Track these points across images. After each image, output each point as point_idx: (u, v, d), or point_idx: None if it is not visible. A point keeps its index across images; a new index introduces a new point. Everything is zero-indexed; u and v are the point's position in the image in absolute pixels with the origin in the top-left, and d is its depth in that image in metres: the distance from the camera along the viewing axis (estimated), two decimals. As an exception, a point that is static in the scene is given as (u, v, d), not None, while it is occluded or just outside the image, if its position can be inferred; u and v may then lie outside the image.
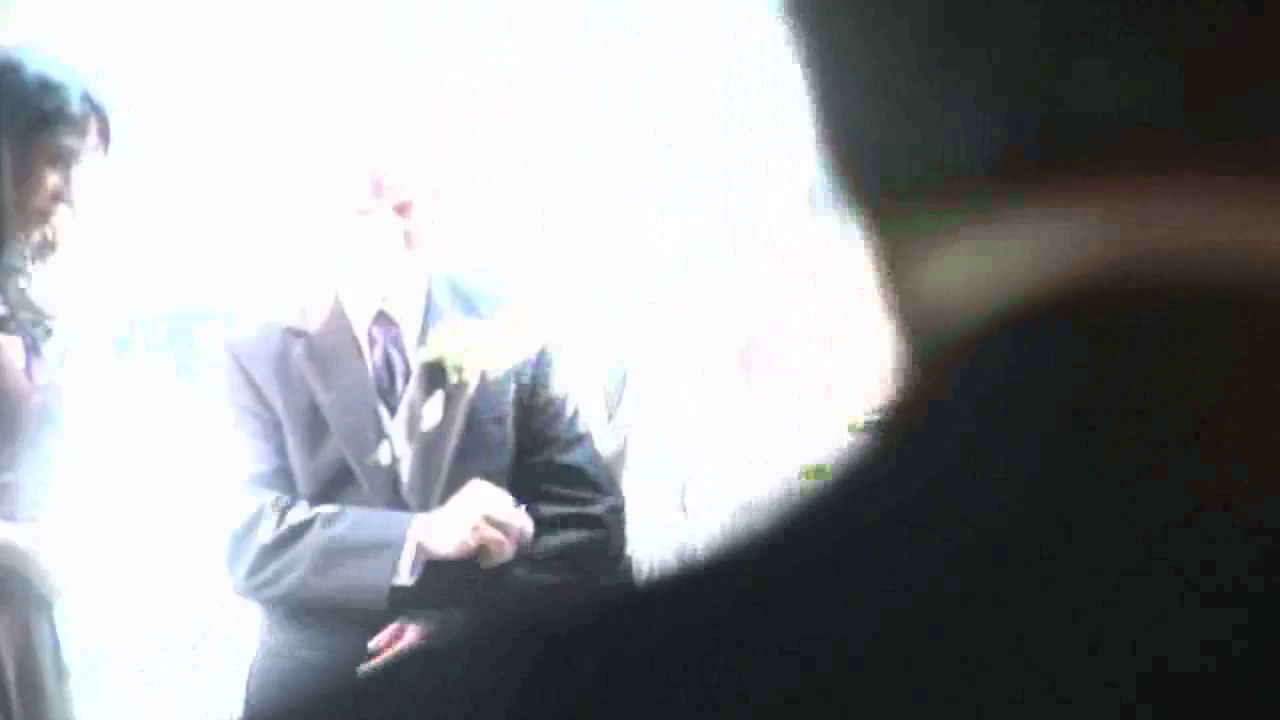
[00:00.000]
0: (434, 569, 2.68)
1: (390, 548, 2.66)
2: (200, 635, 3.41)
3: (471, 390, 2.72)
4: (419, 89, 4.19)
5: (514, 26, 4.36)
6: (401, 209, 2.70)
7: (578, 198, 3.86)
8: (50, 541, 2.47)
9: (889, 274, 0.38)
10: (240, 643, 3.02)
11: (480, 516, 2.66)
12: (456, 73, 4.36)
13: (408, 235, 2.71)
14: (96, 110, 2.45)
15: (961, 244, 0.36)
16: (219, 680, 3.28)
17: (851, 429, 2.44)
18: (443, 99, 4.20)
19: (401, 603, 2.68)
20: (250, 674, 2.82)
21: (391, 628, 2.68)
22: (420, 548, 2.66)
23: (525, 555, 2.71)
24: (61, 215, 2.43)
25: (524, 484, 2.75)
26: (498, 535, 2.66)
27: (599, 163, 4.06)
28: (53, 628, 2.51)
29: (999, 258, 0.36)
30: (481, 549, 2.66)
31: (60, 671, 2.52)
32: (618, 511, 2.81)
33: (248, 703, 2.77)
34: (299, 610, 2.74)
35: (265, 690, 2.73)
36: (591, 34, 4.36)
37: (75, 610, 2.57)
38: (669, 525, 2.90)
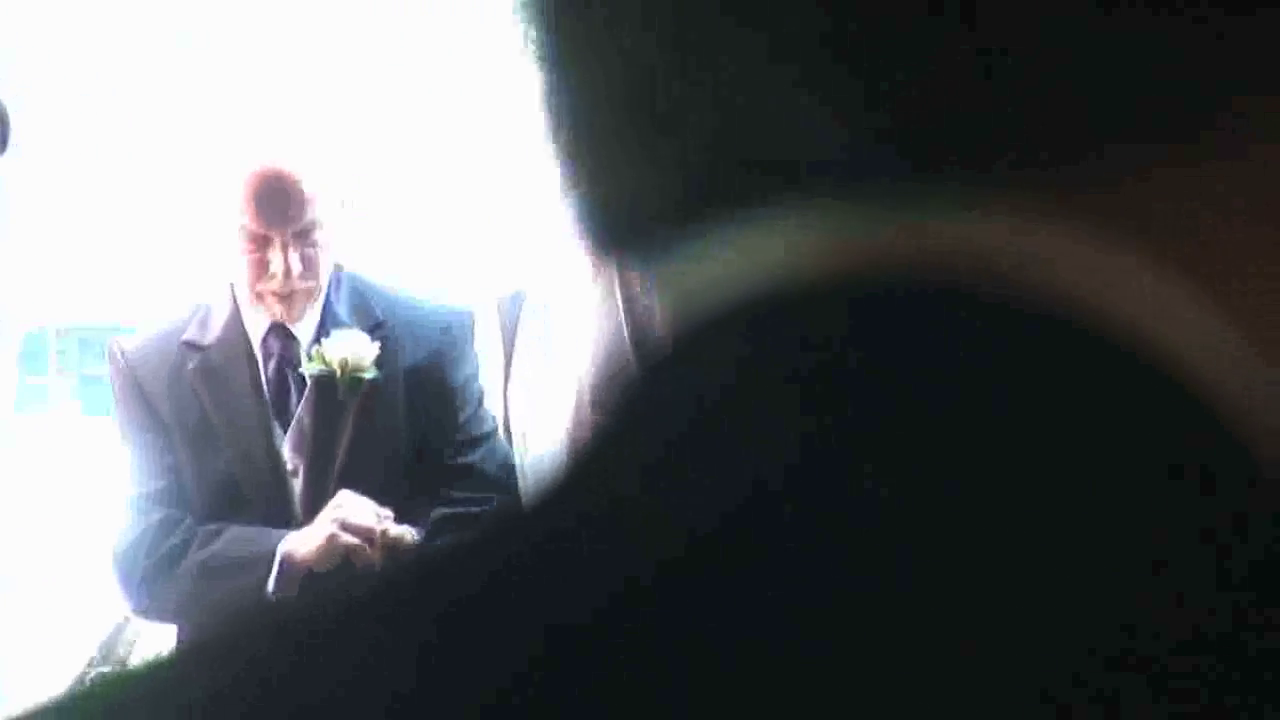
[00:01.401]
0: (317, 585, 2.60)
1: (261, 563, 2.62)
2: (112, 650, 3.40)
3: (359, 401, 2.68)
4: (319, 100, 4.17)
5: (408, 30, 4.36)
6: (301, 235, 2.64)
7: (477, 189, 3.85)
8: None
9: (615, 280, 0.40)
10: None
11: (336, 524, 2.60)
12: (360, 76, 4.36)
13: (306, 260, 2.65)
14: None
15: (682, 257, 0.37)
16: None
17: None
18: (346, 104, 4.19)
19: None
20: None
21: None
22: (287, 560, 2.62)
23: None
24: None
25: (419, 489, 2.71)
26: (354, 541, 2.59)
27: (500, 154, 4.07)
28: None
29: (716, 267, 0.37)
30: (346, 557, 2.60)
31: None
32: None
33: None
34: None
35: None
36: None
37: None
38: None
